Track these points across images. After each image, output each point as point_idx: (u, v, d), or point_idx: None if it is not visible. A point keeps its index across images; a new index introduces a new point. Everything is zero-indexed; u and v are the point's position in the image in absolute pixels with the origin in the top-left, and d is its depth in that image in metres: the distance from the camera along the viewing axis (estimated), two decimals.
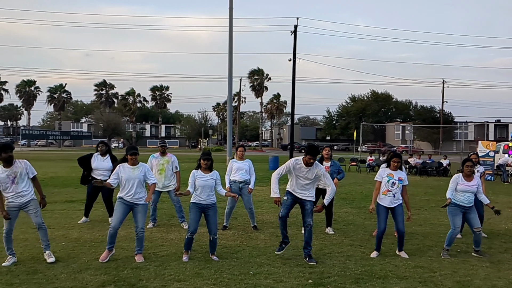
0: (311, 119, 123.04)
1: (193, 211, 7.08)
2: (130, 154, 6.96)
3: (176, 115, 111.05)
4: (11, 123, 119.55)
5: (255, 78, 78.04)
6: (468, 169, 7.57)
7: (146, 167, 7.13)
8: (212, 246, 7.14)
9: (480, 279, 6.28)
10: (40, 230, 6.82)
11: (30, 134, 72.62)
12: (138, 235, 6.97)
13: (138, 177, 6.95)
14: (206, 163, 7.15)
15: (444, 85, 67.96)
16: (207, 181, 7.08)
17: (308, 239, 7.13)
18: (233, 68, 29.20)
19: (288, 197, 7.26)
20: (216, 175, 7.23)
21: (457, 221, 7.52)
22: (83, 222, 9.69)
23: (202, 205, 7.09)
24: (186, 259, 6.94)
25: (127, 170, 6.96)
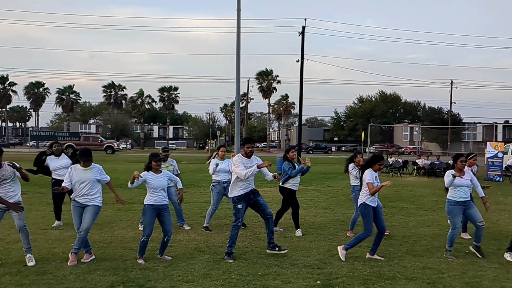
0: (318, 120, 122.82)
1: (149, 213, 6.98)
2: (155, 161, 7.03)
3: (184, 116, 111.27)
4: (20, 124, 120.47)
5: (263, 79, 78.02)
6: (462, 164, 7.57)
7: (99, 168, 7.08)
8: (163, 246, 7.15)
9: (489, 280, 6.25)
10: (22, 233, 6.76)
11: (39, 135, 72.88)
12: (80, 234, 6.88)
13: (91, 178, 6.91)
14: (157, 164, 7.11)
15: (452, 85, 67.64)
16: (162, 181, 7.07)
17: (272, 228, 7.45)
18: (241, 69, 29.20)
19: (242, 204, 7.32)
20: (167, 173, 7.30)
21: (457, 220, 7.52)
22: (57, 225, 9.47)
23: (158, 206, 7.02)
24: (142, 262, 6.86)
25: (79, 171, 6.93)
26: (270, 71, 78.27)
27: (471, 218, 7.62)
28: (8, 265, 6.59)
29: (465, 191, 7.57)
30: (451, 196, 7.61)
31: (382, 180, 7.59)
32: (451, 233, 7.56)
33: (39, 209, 11.46)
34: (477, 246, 7.63)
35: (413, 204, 13.44)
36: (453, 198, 7.57)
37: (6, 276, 6.12)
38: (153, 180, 6.97)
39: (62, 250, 7.47)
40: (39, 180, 18.67)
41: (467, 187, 7.59)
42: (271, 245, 7.40)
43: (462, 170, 7.61)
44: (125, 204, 7.10)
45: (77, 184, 6.87)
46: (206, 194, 14.74)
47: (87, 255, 6.95)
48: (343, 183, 20.22)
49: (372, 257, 7.28)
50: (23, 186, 16.22)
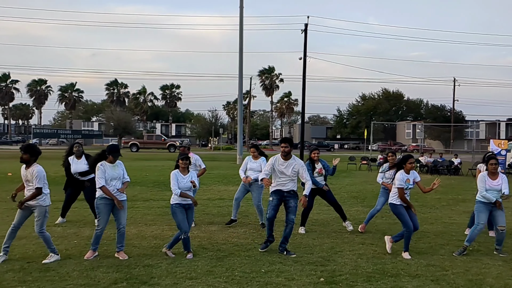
0: (321, 118, 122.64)
1: (179, 211, 7.07)
2: (182, 159, 7.15)
3: (186, 114, 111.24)
4: (23, 122, 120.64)
5: (266, 77, 77.94)
6: (493, 167, 7.55)
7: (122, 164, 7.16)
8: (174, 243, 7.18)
9: (493, 278, 6.24)
10: (40, 237, 6.78)
11: (42, 133, 73.06)
12: (120, 231, 7.02)
13: (120, 174, 7.01)
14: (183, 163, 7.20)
15: (455, 83, 67.52)
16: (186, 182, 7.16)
17: (288, 235, 7.38)
18: (243, 67, 29.25)
19: (273, 197, 7.42)
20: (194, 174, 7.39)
21: (481, 217, 7.53)
22: (60, 222, 9.51)
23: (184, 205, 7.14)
24: (190, 256, 6.99)
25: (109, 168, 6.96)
26: (273, 69, 78.22)
27: (494, 220, 7.62)
28: (11, 262, 6.60)
29: (494, 195, 7.52)
30: (477, 197, 7.63)
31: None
32: (473, 228, 7.61)
33: None
34: (497, 249, 7.62)
35: (416, 202, 13.36)
36: (478, 199, 7.61)
37: (9, 273, 6.13)
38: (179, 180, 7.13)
39: (65, 247, 7.47)
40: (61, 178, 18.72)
41: (497, 191, 7.55)
42: (280, 248, 7.38)
43: (494, 173, 7.57)
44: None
45: (108, 181, 6.92)
46: (208, 192, 14.76)
47: (90, 252, 6.95)
48: (346, 180, 20.22)
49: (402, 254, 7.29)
50: None
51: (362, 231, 9.01)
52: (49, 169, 7.50)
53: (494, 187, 7.51)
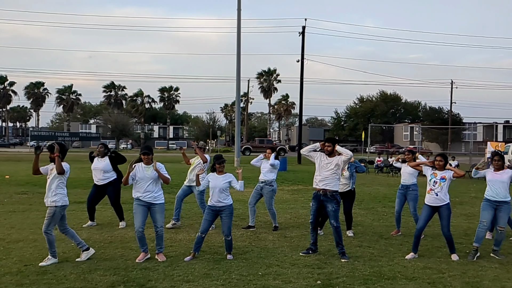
0: (319, 120, 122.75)
1: (206, 212, 7.30)
2: (218, 163, 7.32)
3: (184, 116, 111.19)
4: (20, 124, 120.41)
5: (264, 79, 78.00)
6: (496, 163, 7.56)
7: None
8: (228, 246, 7.26)
9: (489, 280, 6.25)
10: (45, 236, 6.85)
11: (39, 135, 72.82)
12: (157, 233, 7.11)
13: (152, 176, 7.01)
14: (220, 166, 7.33)
15: (452, 85, 67.60)
16: (221, 182, 7.26)
17: (337, 239, 7.32)
18: (241, 69, 29.27)
19: (313, 202, 7.50)
20: (229, 176, 7.39)
21: (483, 215, 7.55)
22: (89, 225, 9.51)
23: (215, 207, 7.24)
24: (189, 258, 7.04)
25: (141, 169, 7.05)
26: (272, 71, 78.28)
27: (496, 219, 7.59)
28: (9, 265, 6.59)
29: (498, 189, 7.45)
30: (485, 194, 7.64)
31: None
32: (478, 227, 7.62)
33: (40, 209, 11.42)
34: (494, 250, 7.62)
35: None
36: (485, 196, 7.63)
37: (6, 275, 6.13)
38: (212, 181, 7.27)
39: (62, 250, 7.46)
40: (39, 180, 18.68)
41: (500, 182, 7.46)
42: (339, 251, 7.34)
43: (500, 169, 7.57)
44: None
45: (139, 181, 6.99)
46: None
47: (142, 255, 7.02)
48: None
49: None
50: (22, 186, 16.26)
51: (395, 234, 9.13)
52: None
53: (496, 177, 7.49)
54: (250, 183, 18.41)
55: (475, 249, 7.44)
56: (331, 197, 7.28)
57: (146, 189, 6.97)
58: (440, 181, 7.35)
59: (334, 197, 7.31)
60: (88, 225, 9.53)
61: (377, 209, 12.63)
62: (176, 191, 10.55)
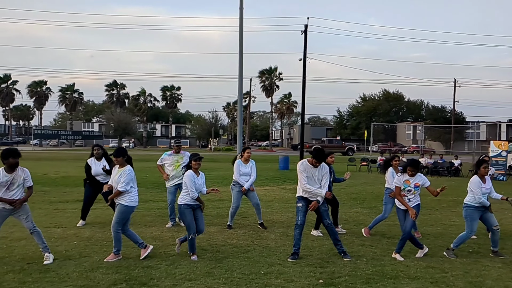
0: (321, 119, 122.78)
1: (188, 212, 7.09)
2: (195, 160, 7.24)
3: (186, 115, 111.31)
4: (23, 123, 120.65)
5: (266, 77, 77.95)
6: (485, 170, 7.55)
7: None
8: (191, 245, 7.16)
9: (492, 280, 6.24)
10: (34, 234, 6.77)
11: (42, 134, 73.23)
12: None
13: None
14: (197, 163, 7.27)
15: (455, 84, 67.54)
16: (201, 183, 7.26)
17: (334, 236, 7.33)
18: (243, 68, 29.22)
19: (302, 203, 7.35)
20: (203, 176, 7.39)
21: (474, 225, 7.48)
22: (81, 225, 9.42)
23: (193, 205, 7.17)
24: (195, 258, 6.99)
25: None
26: (273, 69, 78.21)
27: (487, 222, 7.57)
28: (11, 263, 6.60)
29: (485, 198, 7.53)
30: (470, 201, 7.52)
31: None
32: (464, 235, 7.51)
33: (42, 208, 11.47)
34: (494, 251, 7.60)
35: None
36: (471, 203, 7.50)
37: (9, 274, 6.13)
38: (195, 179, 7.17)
39: (65, 248, 7.48)
40: (42, 178, 18.76)
41: (487, 194, 7.58)
42: (339, 251, 7.33)
43: (484, 177, 7.59)
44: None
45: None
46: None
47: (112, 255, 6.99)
48: (345, 182, 20.14)
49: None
50: None
51: (367, 235, 8.93)
52: (48, 169, 7.53)
53: (486, 190, 7.52)
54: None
55: (453, 249, 7.48)
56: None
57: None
58: (414, 189, 7.33)
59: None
60: (80, 224, 9.46)
61: (379, 208, 12.56)
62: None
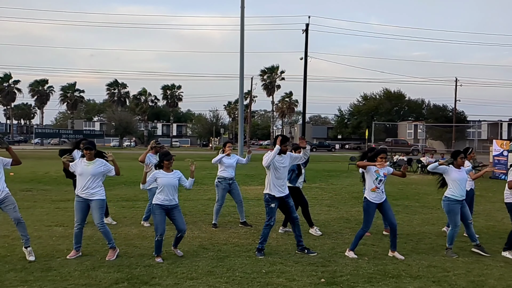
0: (322, 118, 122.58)
1: (158, 212, 6.92)
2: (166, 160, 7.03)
3: (187, 114, 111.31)
4: (25, 122, 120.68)
5: (267, 77, 77.90)
6: (462, 161, 7.59)
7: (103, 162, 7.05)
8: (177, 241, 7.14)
9: (495, 279, 6.23)
10: (19, 225, 6.77)
11: (43, 133, 73.27)
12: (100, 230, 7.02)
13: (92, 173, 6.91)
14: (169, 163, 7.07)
15: (457, 83, 67.49)
16: (170, 180, 7.01)
17: (300, 232, 7.44)
18: (244, 67, 29.22)
19: (275, 203, 7.33)
20: (178, 173, 7.18)
21: (458, 219, 7.47)
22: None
23: (166, 206, 6.97)
24: (160, 260, 6.80)
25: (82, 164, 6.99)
26: (275, 68, 78.17)
27: (463, 215, 7.56)
28: (13, 262, 6.60)
29: (463, 185, 7.49)
30: (451, 194, 7.47)
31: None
32: (451, 231, 7.50)
33: (44, 206, 11.47)
34: (477, 245, 7.60)
35: (417, 202, 13.41)
36: (453, 197, 7.44)
37: (11, 272, 6.14)
38: (163, 178, 6.95)
39: (66, 247, 7.47)
40: (43, 177, 18.77)
41: (465, 180, 7.56)
42: (300, 247, 7.41)
43: (460, 165, 7.61)
44: None
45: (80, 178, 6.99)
46: (209, 192, 14.74)
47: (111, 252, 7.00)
48: (347, 181, 20.20)
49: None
50: (26, 183, 16.30)
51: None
52: (50, 168, 7.53)
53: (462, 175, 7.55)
54: (253, 181, 18.41)
55: (450, 248, 7.47)
56: (289, 194, 7.49)
57: (84, 185, 6.92)
58: (383, 178, 7.26)
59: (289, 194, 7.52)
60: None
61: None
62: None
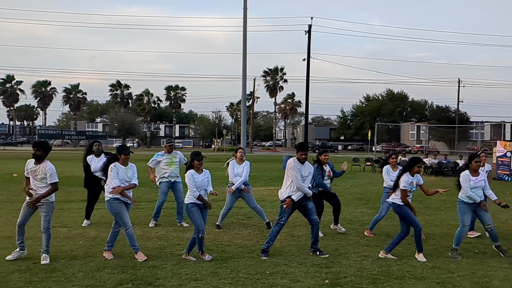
0: (325, 119, 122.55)
1: (195, 210, 7.04)
2: (197, 160, 7.14)
3: (190, 115, 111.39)
4: (28, 123, 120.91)
5: (270, 78, 77.94)
6: (477, 165, 7.54)
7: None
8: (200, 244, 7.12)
9: (499, 280, 6.21)
10: (44, 234, 6.78)
11: (46, 134, 73.26)
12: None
13: (130, 177, 7.16)
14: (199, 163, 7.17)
15: (460, 84, 67.37)
16: (202, 181, 7.15)
17: (317, 236, 7.43)
18: (247, 68, 29.20)
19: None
20: (208, 174, 7.33)
21: (466, 218, 7.50)
22: (86, 225, 9.44)
23: (199, 204, 7.12)
24: (208, 258, 6.96)
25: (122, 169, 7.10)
26: (277, 70, 78.21)
27: (481, 219, 7.61)
28: (17, 263, 6.62)
29: (478, 193, 7.51)
30: (461, 197, 7.58)
31: None
32: (459, 231, 7.54)
33: None
34: (496, 246, 7.62)
35: (421, 204, 13.36)
36: (462, 199, 7.56)
37: (15, 273, 6.15)
38: (198, 179, 7.10)
39: (70, 248, 7.49)
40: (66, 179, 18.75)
41: (479, 189, 7.55)
42: (313, 248, 7.42)
43: (477, 171, 7.58)
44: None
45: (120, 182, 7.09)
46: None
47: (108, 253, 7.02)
48: (350, 182, 20.18)
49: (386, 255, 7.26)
50: None
51: (370, 235, 8.89)
52: None
53: (477, 184, 7.49)
54: (256, 182, 18.40)
55: (456, 249, 7.47)
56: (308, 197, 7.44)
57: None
58: (413, 188, 7.31)
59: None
60: (85, 224, 9.46)
61: None
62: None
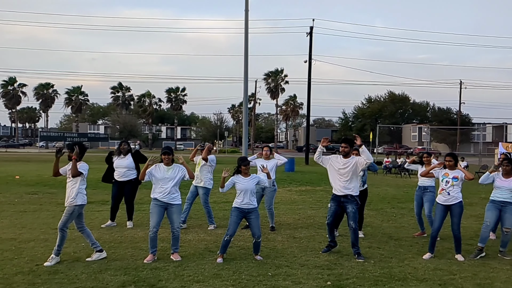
0: (326, 121, 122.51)
1: (234, 213, 7.16)
2: (244, 165, 7.23)
3: (191, 117, 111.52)
4: (30, 125, 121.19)
5: (272, 80, 77.93)
6: (505, 168, 7.57)
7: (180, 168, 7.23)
8: (257, 247, 7.26)
9: (501, 282, 6.21)
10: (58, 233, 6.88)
11: (48, 136, 73.42)
12: (174, 234, 7.12)
13: (173, 178, 7.07)
14: (246, 168, 7.28)
15: (461, 86, 67.33)
16: (248, 185, 7.19)
17: (354, 240, 7.35)
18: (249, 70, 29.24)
19: (331, 204, 7.50)
20: (256, 177, 7.45)
21: (487, 215, 7.60)
22: (108, 226, 9.46)
23: (243, 209, 7.17)
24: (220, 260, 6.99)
25: (162, 169, 7.10)
26: (279, 72, 78.18)
27: (502, 219, 7.62)
28: (20, 265, 6.64)
29: (504, 193, 7.52)
30: (491, 196, 7.73)
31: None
32: (482, 227, 7.66)
33: (50, 209, 11.52)
34: (501, 251, 7.63)
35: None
36: (491, 197, 7.69)
37: (18, 275, 6.17)
38: (241, 183, 7.15)
39: (73, 249, 7.51)
40: (49, 180, 18.81)
41: (507, 190, 7.51)
42: (353, 251, 7.42)
43: (508, 173, 7.57)
44: None
45: (159, 181, 7.06)
46: (214, 195, 14.74)
47: (150, 256, 7.03)
48: None
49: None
50: (32, 186, 16.31)
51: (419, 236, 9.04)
52: None
53: (503, 184, 7.52)
54: None
55: (480, 249, 7.49)
56: (351, 199, 7.34)
57: (165, 190, 7.00)
58: (452, 180, 7.36)
59: (355, 199, 7.36)
60: (107, 225, 9.49)
61: (386, 210, 12.60)
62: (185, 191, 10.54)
